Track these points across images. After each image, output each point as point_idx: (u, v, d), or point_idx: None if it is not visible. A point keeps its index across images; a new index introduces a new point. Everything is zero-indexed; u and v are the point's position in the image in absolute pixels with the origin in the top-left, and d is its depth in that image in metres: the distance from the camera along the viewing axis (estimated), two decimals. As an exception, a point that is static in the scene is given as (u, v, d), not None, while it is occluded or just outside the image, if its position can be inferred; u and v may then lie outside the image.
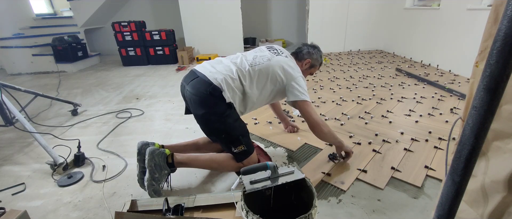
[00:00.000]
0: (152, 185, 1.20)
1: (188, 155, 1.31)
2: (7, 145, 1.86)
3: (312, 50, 1.51)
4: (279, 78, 1.34)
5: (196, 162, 1.32)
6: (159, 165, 1.20)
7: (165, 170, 1.22)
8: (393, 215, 1.12)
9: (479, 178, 0.63)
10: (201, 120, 1.30)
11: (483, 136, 0.45)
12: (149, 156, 1.19)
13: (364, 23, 4.68)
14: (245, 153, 1.31)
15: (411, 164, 1.43)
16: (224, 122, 1.25)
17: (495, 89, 0.41)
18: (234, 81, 1.27)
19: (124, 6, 5.46)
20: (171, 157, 1.25)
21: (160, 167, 1.21)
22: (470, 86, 0.62)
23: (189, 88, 1.27)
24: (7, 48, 4.00)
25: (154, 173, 1.20)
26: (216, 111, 1.23)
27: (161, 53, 4.32)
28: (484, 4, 2.73)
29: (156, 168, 1.20)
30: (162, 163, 1.21)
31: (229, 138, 1.27)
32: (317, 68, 1.56)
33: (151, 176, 1.19)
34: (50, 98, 2.34)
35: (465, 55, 2.94)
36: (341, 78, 3.09)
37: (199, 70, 1.30)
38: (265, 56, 1.36)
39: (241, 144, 1.28)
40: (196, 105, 1.25)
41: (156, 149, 1.22)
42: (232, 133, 1.27)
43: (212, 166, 1.36)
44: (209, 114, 1.24)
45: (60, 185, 1.39)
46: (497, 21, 0.53)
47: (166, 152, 1.23)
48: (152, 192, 1.20)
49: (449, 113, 2.04)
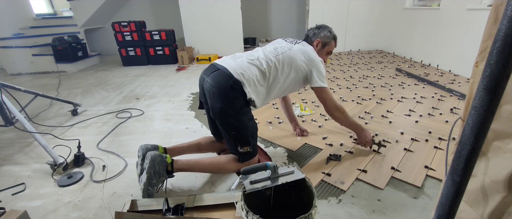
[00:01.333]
0: (147, 190, 1.19)
1: (188, 161, 1.30)
2: (7, 145, 1.86)
3: (316, 30, 1.52)
4: (301, 66, 1.36)
5: (196, 167, 1.31)
6: (158, 173, 1.20)
7: (163, 177, 1.22)
8: (393, 215, 1.12)
9: (479, 178, 0.63)
10: (218, 113, 1.27)
11: (483, 136, 0.45)
12: (150, 163, 1.18)
13: (364, 23, 4.68)
14: (249, 155, 1.31)
15: (411, 164, 1.43)
16: (239, 120, 1.25)
17: (495, 89, 0.41)
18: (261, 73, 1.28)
19: (124, 6, 5.46)
20: (172, 165, 1.24)
21: (159, 174, 1.20)
22: (470, 86, 0.62)
23: (209, 80, 1.25)
24: (7, 48, 4.00)
25: (152, 179, 1.19)
26: (234, 106, 1.23)
27: (161, 53, 4.32)
28: (484, 4, 2.73)
29: (155, 175, 1.19)
30: (161, 171, 1.20)
31: (239, 136, 1.27)
32: (332, 45, 1.55)
33: (148, 182, 1.18)
34: (50, 98, 2.34)
35: (465, 55, 2.94)
36: (341, 78, 3.09)
37: (221, 63, 1.29)
38: (286, 46, 1.39)
39: (249, 145, 1.28)
40: (215, 97, 1.23)
41: (157, 157, 1.20)
42: (244, 132, 1.27)
43: (213, 170, 1.37)
44: (227, 108, 1.23)
45: (60, 185, 1.39)
46: (497, 21, 0.53)
47: (167, 160, 1.22)
48: (145, 195, 1.20)
49: (449, 113, 2.04)
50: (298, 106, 2.23)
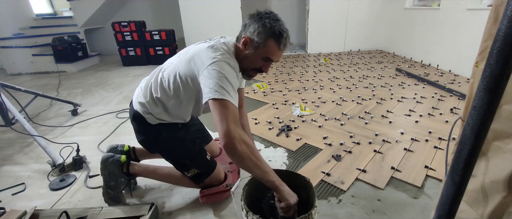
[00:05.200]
0: (107, 193, 1.15)
1: (146, 167, 1.23)
2: (7, 145, 1.86)
3: (248, 21, 1.01)
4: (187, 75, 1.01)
5: (154, 174, 1.22)
6: (113, 174, 1.14)
7: (121, 178, 1.15)
8: (393, 215, 1.12)
9: (479, 178, 0.63)
10: (144, 146, 1.21)
11: (483, 136, 0.45)
12: (102, 164, 1.13)
13: (364, 23, 4.67)
14: (200, 176, 1.16)
15: (411, 164, 1.43)
16: (164, 149, 1.14)
17: (495, 89, 0.41)
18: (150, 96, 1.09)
19: (124, 6, 5.46)
20: (127, 166, 1.17)
21: (115, 175, 1.14)
22: (470, 86, 0.62)
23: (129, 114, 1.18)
24: (7, 48, 4.00)
25: (109, 181, 1.14)
26: (150, 138, 1.14)
27: (161, 53, 4.32)
28: (484, 4, 2.73)
29: (111, 176, 1.14)
30: (116, 171, 1.14)
31: (176, 164, 1.17)
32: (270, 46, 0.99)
33: (105, 184, 1.14)
34: (50, 98, 2.34)
35: (465, 55, 2.94)
36: (341, 78, 3.09)
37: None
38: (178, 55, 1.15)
39: (191, 168, 1.14)
40: (135, 131, 1.17)
41: (109, 157, 1.15)
42: (177, 158, 1.15)
43: (171, 181, 1.26)
44: (147, 140, 1.16)
45: (51, 189, 1.36)
46: (497, 21, 0.53)
47: (121, 160, 1.15)
48: (109, 200, 1.16)
49: (449, 113, 2.04)
50: (298, 106, 2.23)
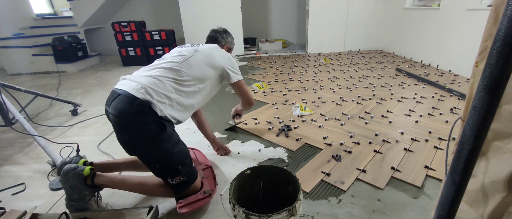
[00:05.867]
0: (71, 205, 1.11)
1: (113, 178, 1.15)
2: (7, 145, 1.86)
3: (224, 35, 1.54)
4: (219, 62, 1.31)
5: (122, 185, 1.15)
6: (75, 187, 1.08)
7: (85, 191, 1.10)
8: (393, 215, 1.12)
9: (479, 178, 0.63)
10: (131, 148, 1.09)
11: (483, 136, 0.45)
12: (62, 177, 1.08)
13: (364, 23, 4.68)
14: (184, 184, 1.11)
15: (411, 164, 1.43)
16: (158, 149, 1.05)
17: (495, 89, 0.41)
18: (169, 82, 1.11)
19: (124, 6, 5.46)
20: (91, 179, 1.10)
21: (78, 189, 1.09)
22: (470, 86, 0.62)
23: (111, 111, 1.05)
24: (7, 48, 4.00)
25: (72, 195, 1.09)
26: (147, 135, 1.03)
27: (161, 53, 4.32)
28: (484, 4, 2.73)
29: (73, 189, 1.08)
30: (78, 184, 1.08)
31: (165, 168, 1.08)
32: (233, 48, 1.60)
33: (68, 197, 1.10)
34: (50, 98, 2.34)
35: (465, 55, 2.94)
36: (341, 78, 3.09)
37: (120, 87, 1.09)
38: (191, 49, 1.30)
39: (180, 175, 1.09)
40: (122, 129, 1.05)
41: (70, 170, 1.08)
42: (169, 162, 1.07)
43: (142, 191, 1.20)
44: (138, 139, 1.04)
45: (51, 189, 1.36)
46: (497, 21, 0.53)
47: (84, 173, 1.09)
48: (74, 211, 1.11)
49: (449, 113, 2.04)
50: (298, 106, 2.23)
